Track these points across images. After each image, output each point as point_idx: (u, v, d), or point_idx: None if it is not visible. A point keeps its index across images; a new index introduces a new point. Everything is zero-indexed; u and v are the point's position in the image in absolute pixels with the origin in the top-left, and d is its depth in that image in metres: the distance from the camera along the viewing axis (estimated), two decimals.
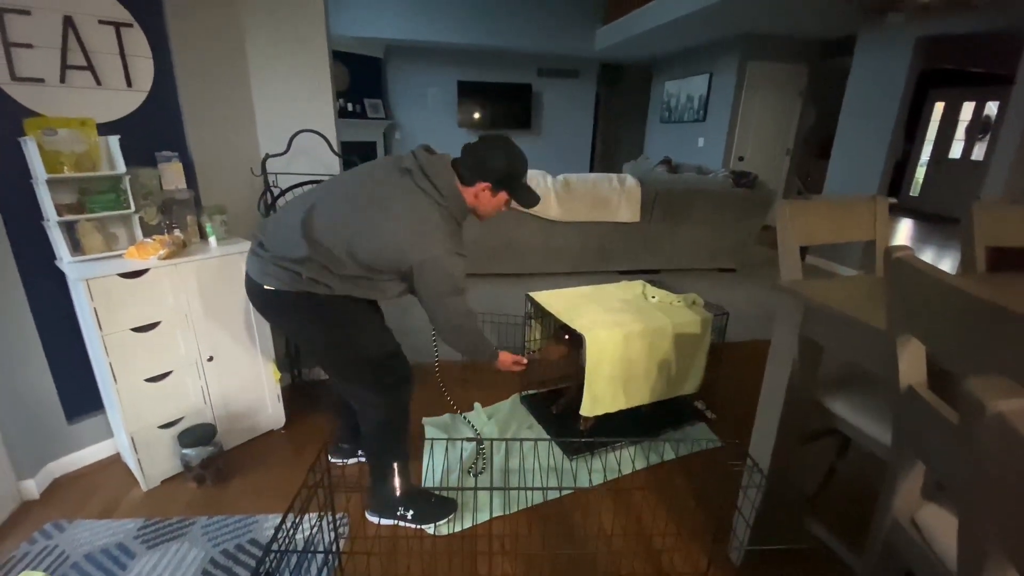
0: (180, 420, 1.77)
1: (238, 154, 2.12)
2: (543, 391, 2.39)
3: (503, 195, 1.43)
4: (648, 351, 1.94)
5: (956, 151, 7.97)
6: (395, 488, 1.56)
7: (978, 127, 7.62)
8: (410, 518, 1.57)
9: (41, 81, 1.56)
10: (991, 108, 7.42)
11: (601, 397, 1.91)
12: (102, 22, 1.64)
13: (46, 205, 1.56)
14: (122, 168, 1.66)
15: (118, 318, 1.57)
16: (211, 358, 1.82)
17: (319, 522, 1.49)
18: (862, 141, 4.35)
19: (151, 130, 1.81)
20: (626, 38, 6.11)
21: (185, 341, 1.74)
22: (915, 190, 8.57)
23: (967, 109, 7.77)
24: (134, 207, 1.71)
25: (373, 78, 7.15)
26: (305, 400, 2.26)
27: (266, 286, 1.36)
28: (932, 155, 8.31)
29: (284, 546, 1.21)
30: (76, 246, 1.62)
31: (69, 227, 1.60)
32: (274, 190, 2.14)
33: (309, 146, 2.22)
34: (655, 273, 4.37)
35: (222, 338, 1.84)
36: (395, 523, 1.59)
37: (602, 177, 4.09)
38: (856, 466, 1.80)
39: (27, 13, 1.50)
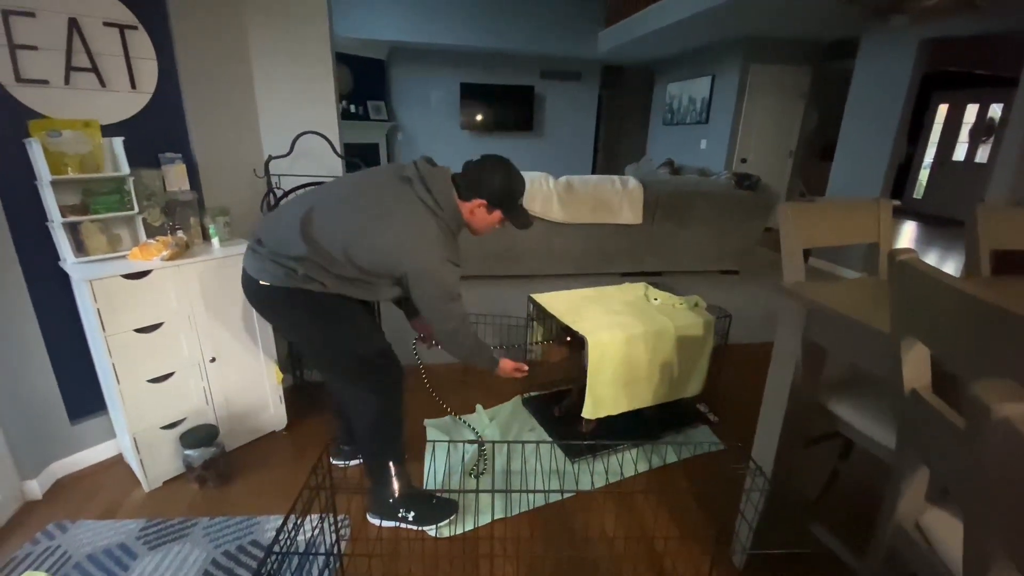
0: (182, 421, 1.78)
1: (241, 156, 2.13)
2: (545, 393, 2.38)
3: (497, 213, 1.48)
4: (650, 353, 1.94)
5: (960, 153, 7.94)
6: (394, 489, 1.56)
7: (982, 129, 7.60)
8: (411, 520, 1.57)
9: (46, 83, 1.57)
10: (995, 110, 7.40)
11: (603, 399, 1.91)
12: (107, 24, 1.65)
13: (50, 206, 1.57)
14: (126, 169, 1.67)
15: (121, 319, 1.58)
16: (213, 359, 1.82)
17: (320, 524, 1.49)
18: (865, 143, 4.34)
19: (155, 132, 1.82)
20: (628, 40, 6.11)
21: (188, 342, 1.74)
22: (918, 192, 8.55)
23: (971, 111, 7.75)
24: (137, 208, 1.72)
25: (376, 80, 7.17)
26: (307, 401, 2.26)
27: (261, 281, 1.39)
28: (936, 157, 8.28)
29: (285, 548, 1.20)
30: (80, 247, 1.63)
31: (73, 228, 1.61)
32: (277, 191, 2.15)
33: (312, 148, 2.23)
34: (657, 275, 4.36)
35: (224, 339, 1.84)
36: (396, 525, 1.59)
37: (604, 179, 4.09)
38: (860, 470, 1.79)
39: (32, 15, 1.51)
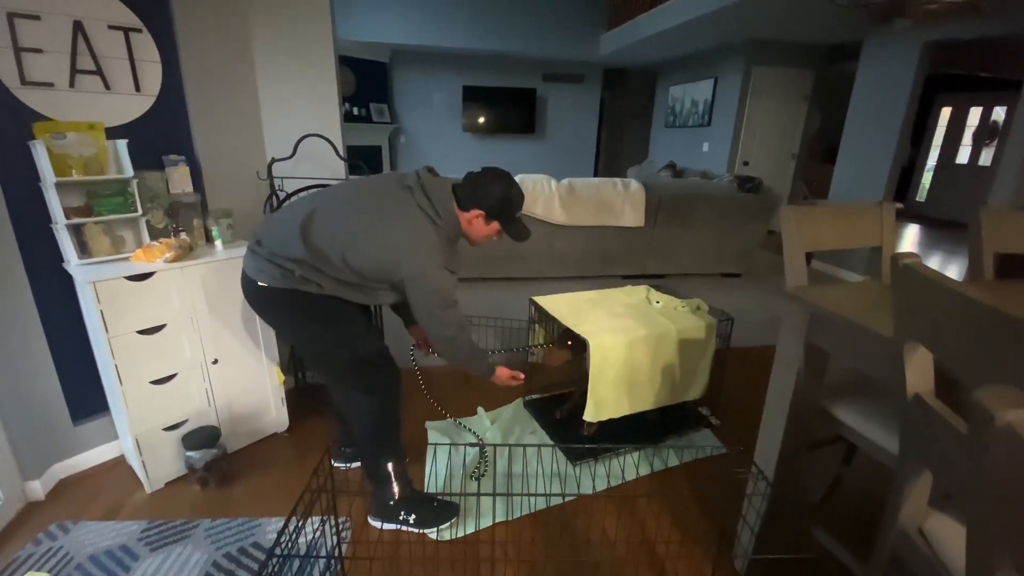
0: (184, 422, 1.78)
1: (244, 158, 2.14)
2: (547, 396, 2.38)
3: (495, 225, 1.49)
4: (652, 356, 1.93)
5: (963, 156, 7.92)
6: (394, 490, 1.56)
7: (985, 132, 7.57)
8: (412, 523, 1.57)
9: (51, 85, 1.58)
10: (999, 113, 7.38)
11: (605, 402, 1.90)
12: (112, 27, 1.66)
13: (54, 208, 1.57)
14: (130, 172, 1.68)
15: (124, 320, 1.58)
16: (216, 361, 1.82)
17: (322, 526, 1.50)
18: (868, 146, 4.33)
19: (159, 134, 1.83)
20: (631, 43, 6.12)
21: (190, 344, 1.75)
22: (922, 195, 8.53)
23: (974, 114, 7.73)
24: (141, 210, 1.73)
25: (379, 83, 7.20)
26: (309, 403, 2.27)
27: (259, 282, 1.40)
28: (939, 160, 8.26)
29: (287, 550, 1.20)
30: (83, 249, 1.64)
31: (77, 230, 1.62)
32: (280, 194, 2.16)
33: (315, 150, 2.24)
34: (659, 278, 4.36)
35: (227, 341, 1.85)
36: (397, 528, 1.58)
37: (606, 181, 4.09)
38: (862, 474, 1.78)
39: (37, 18, 1.52)
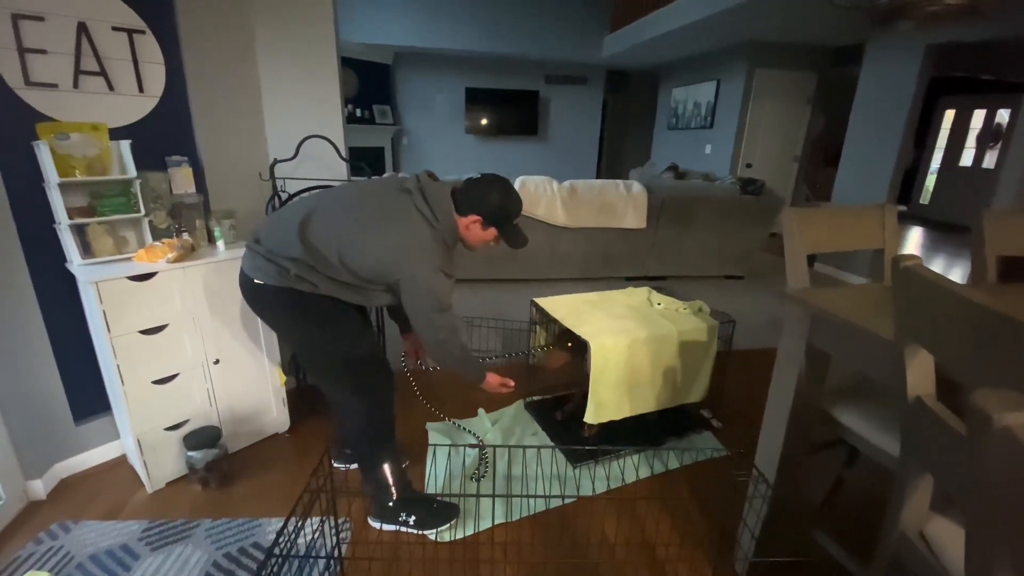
0: (186, 422, 1.78)
1: (247, 159, 2.15)
2: (547, 397, 2.38)
3: (492, 231, 1.50)
4: (653, 358, 1.93)
5: (967, 159, 7.90)
6: (391, 491, 1.56)
7: (989, 135, 7.55)
8: (412, 524, 1.57)
9: (55, 86, 1.59)
10: (1002, 116, 7.36)
11: (606, 404, 1.90)
12: (115, 28, 1.67)
13: (57, 208, 1.58)
14: (133, 172, 1.69)
15: (126, 320, 1.59)
16: (217, 361, 1.83)
17: (321, 527, 1.50)
18: (871, 148, 4.33)
19: (162, 135, 1.84)
20: (633, 45, 6.12)
21: (192, 344, 1.75)
22: (925, 198, 8.51)
23: (978, 116, 7.71)
24: (144, 211, 1.73)
25: (382, 84, 7.22)
26: (310, 404, 2.27)
27: (256, 280, 1.41)
28: (942, 163, 8.24)
29: (286, 550, 1.21)
30: (86, 249, 1.64)
31: (80, 230, 1.63)
32: (282, 195, 2.16)
33: (317, 152, 2.24)
34: (661, 280, 4.36)
35: (228, 341, 1.85)
36: (397, 529, 1.58)
37: (609, 183, 4.09)
38: (863, 477, 1.77)
39: (41, 19, 1.53)
